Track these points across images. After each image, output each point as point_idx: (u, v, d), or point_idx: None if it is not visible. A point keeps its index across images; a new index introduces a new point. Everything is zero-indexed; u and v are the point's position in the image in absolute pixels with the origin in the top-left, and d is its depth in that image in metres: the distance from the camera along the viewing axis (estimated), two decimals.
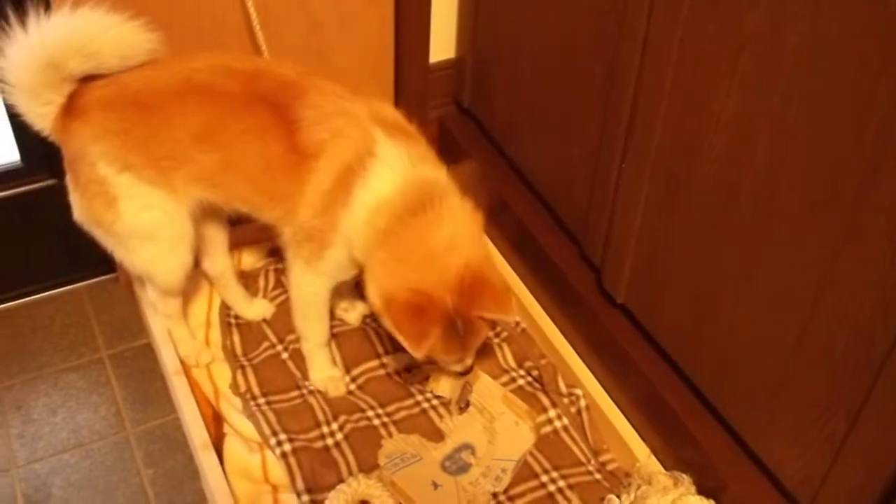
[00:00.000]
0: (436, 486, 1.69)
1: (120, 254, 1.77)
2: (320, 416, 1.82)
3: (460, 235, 1.58)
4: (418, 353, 1.56)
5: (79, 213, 1.72)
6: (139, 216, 1.68)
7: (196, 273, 1.90)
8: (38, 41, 1.55)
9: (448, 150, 2.26)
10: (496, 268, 1.68)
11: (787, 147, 1.29)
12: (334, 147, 1.58)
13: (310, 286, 1.77)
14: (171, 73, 1.62)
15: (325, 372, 1.88)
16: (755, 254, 1.40)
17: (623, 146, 1.62)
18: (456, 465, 1.74)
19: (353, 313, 2.01)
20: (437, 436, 1.80)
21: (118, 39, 1.59)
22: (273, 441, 1.77)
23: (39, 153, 2.07)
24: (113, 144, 1.62)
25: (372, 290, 1.59)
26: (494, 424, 1.80)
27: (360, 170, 1.57)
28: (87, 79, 1.62)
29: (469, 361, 1.73)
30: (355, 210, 1.59)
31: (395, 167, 1.58)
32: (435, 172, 1.64)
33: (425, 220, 1.56)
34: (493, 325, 1.72)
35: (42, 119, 1.65)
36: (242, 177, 1.66)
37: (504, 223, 2.10)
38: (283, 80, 1.62)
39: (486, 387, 1.86)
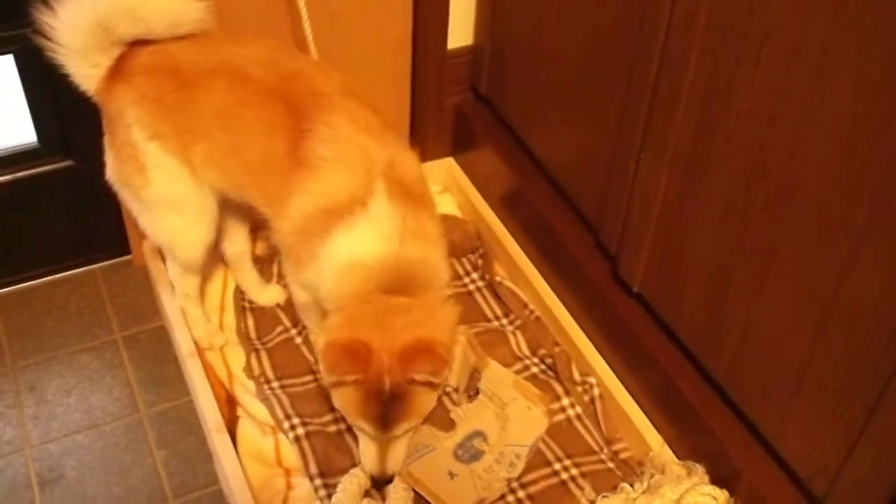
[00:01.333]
0: (452, 475, 1.69)
1: (144, 221, 1.79)
2: None
3: (423, 323, 1.50)
4: (328, 378, 1.51)
5: (111, 172, 1.75)
6: (166, 186, 1.70)
7: (212, 256, 1.90)
8: (89, 3, 1.58)
9: (465, 137, 2.27)
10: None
11: (810, 135, 1.28)
12: (331, 173, 1.54)
13: (299, 295, 1.76)
14: (214, 51, 1.64)
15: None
16: (776, 242, 1.40)
17: (643, 134, 1.61)
18: (468, 453, 1.73)
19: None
20: (449, 425, 1.79)
21: (167, 6, 1.62)
22: (286, 425, 1.77)
23: (56, 134, 2.08)
24: (147, 111, 1.64)
25: (317, 340, 1.57)
26: (506, 411, 1.79)
27: (347, 214, 1.52)
28: (137, 44, 1.65)
29: (390, 465, 1.61)
30: (330, 253, 1.54)
31: (381, 231, 1.51)
32: (424, 253, 1.55)
33: (394, 305, 1.51)
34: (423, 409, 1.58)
35: (88, 80, 1.68)
36: (244, 166, 1.65)
37: (520, 211, 2.09)
38: (318, 89, 1.60)
39: (496, 373, 1.85)
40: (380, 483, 1.63)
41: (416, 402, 1.53)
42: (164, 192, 1.71)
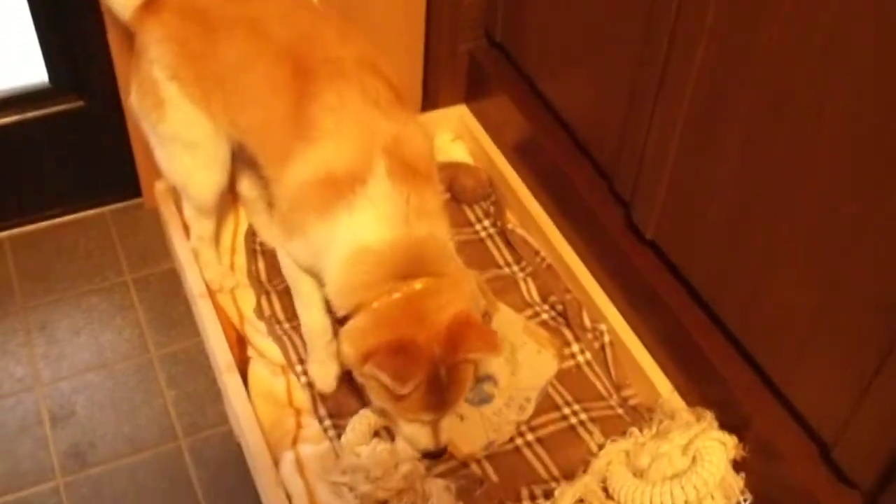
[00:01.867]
0: (462, 417, 1.69)
1: (159, 156, 1.78)
2: None
3: (453, 300, 1.46)
4: (404, 390, 1.41)
5: (133, 100, 1.75)
6: (181, 126, 1.69)
7: (224, 198, 1.90)
8: None
9: (478, 84, 2.25)
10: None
11: (830, 81, 1.27)
12: (330, 142, 1.49)
13: (287, 264, 1.69)
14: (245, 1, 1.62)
15: (320, 364, 1.75)
16: (793, 188, 1.39)
17: (661, 77, 1.59)
18: (478, 396, 1.73)
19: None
20: None
21: None
22: (298, 368, 1.78)
23: (68, 74, 2.07)
24: (170, 51, 1.63)
25: (349, 350, 1.47)
26: (516, 355, 1.79)
27: (348, 192, 1.46)
28: None
29: (444, 437, 1.57)
30: (334, 238, 1.48)
31: (384, 213, 1.46)
32: (433, 229, 1.50)
33: (416, 289, 1.45)
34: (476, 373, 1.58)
35: (124, 9, 1.68)
36: (248, 123, 1.63)
37: (532, 158, 2.08)
38: (332, 54, 1.55)
39: (506, 318, 1.85)
40: (435, 455, 1.59)
41: (467, 377, 1.51)
42: (179, 131, 1.71)
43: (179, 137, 1.72)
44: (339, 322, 1.56)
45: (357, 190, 1.46)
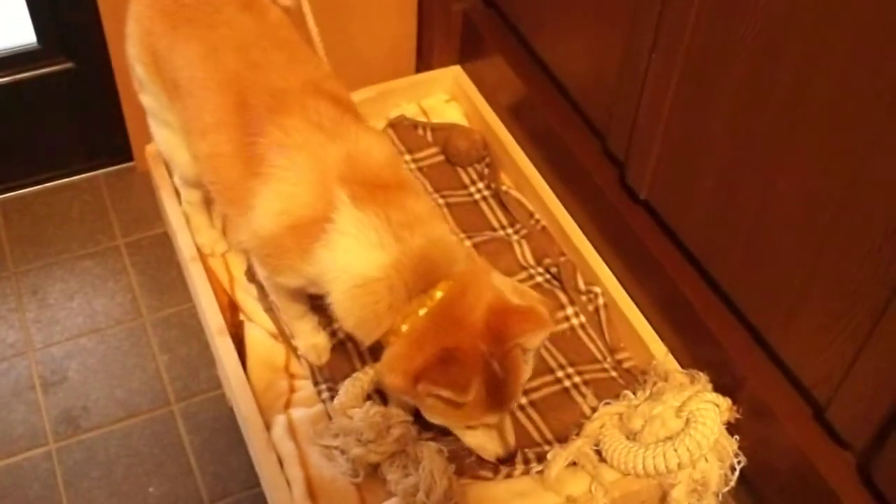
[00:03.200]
0: None
1: (149, 122, 1.76)
2: None
3: (480, 293, 1.41)
4: (467, 397, 1.36)
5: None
6: (153, 105, 1.68)
7: None
8: None
9: (473, 44, 2.23)
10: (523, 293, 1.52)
11: (825, 38, 1.25)
12: (286, 186, 1.43)
13: (273, 290, 1.65)
14: (215, 9, 1.56)
15: (308, 339, 1.73)
16: (786, 147, 1.37)
17: (654, 34, 1.57)
18: None
19: None
20: None
21: None
22: (292, 341, 1.77)
23: (57, 35, 2.05)
24: (137, 33, 1.61)
25: (395, 380, 1.41)
26: None
27: (320, 233, 1.40)
28: None
29: (511, 438, 1.53)
30: (329, 278, 1.43)
31: (366, 241, 1.39)
32: (429, 233, 1.43)
33: (439, 298, 1.40)
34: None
35: None
36: (194, 150, 1.59)
37: (527, 120, 2.06)
38: (277, 84, 1.49)
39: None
40: (506, 460, 1.54)
41: (520, 364, 1.45)
42: (153, 108, 1.69)
43: (155, 114, 1.70)
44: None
45: (328, 228, 1.40)
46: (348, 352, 1.75)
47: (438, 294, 1.40)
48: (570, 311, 1.83)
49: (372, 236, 1.39)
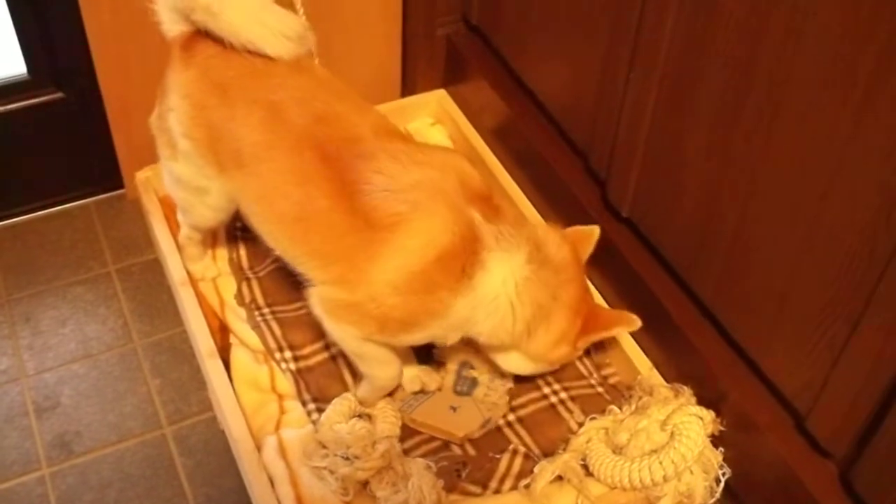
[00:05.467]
0: (453, 408, 1.70)
1: (165, 180, 1.76)
2: None
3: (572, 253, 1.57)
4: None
5: (151, 121, 1.70)
6: (191, 175, 1.66)
7: None
8: None
9: (457, 68, 2.26)
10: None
11: (796, 49, 1.28)
12: (421, 224, 1.43)
13: (362, 343, 1.58)
14: (267, 73, 1.54)
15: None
16: (762, 161, 1.40)
17: (631, 54, 1.60)
18: (465, 385, 1.74)
19: None
20: (437, 365, 1.80)
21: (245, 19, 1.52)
22: (278, 356, 1.79)
23: (47, 66, 2.07)
24: (188, 109, 1.59)
25: (557, 348, 1.59)
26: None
27: (472, 256, 1.44)
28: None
29: None
30: (483, 301, 1.48)
31: (509, 247, 1.46)
32: (527, 223, 1.56)
33: (559, 267, 1.53)
34: None
35: (170, 26, 1.61)
36: (275, 216, 1.55)
37: (511, 141, 2.09)
38: (353, 133, 1.50)
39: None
40: None
41: None
42: (189, 178, 1.67)
43: (188, 182, 1.68)
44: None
45: (478, 249, 1.44)
46: (338, 373, 1.77)
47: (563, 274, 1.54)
48: None
49: (513, 242, 1.47)
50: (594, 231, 1.68)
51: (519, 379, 1.75)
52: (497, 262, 1.46)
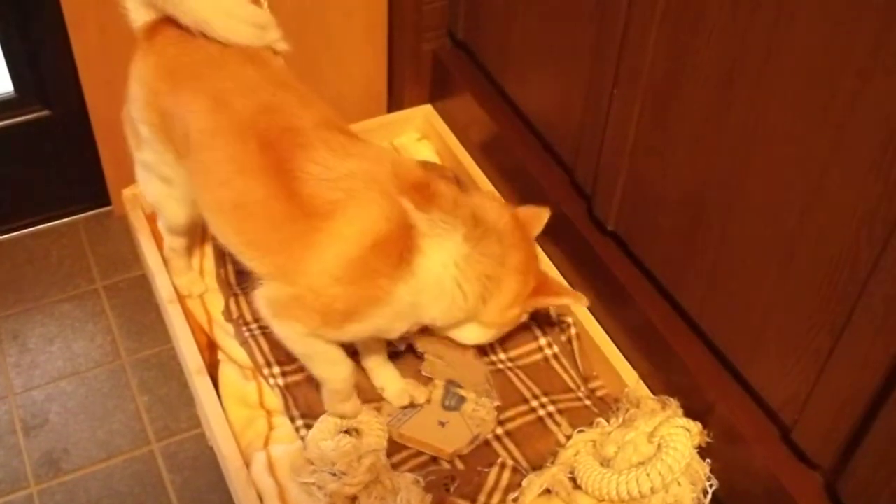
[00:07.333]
0: (442, 424, 1.71)
1: (138, 175, 1.77)
2: None
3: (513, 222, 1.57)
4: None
5: (123, 113, 1.71)
6: (155, 162, 1.68)
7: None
8: None
9: (443, 84, 2.27)
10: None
11: (778, 64, 1.29)
12: (355, 210, 1.43)
13: (308, 340, 1.56)
14: (220, 63, 1.55)
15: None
16: (744, 174, 1.41)
17: (615, 70, 1.62)
18: (454, 400, 1.75)
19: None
20: (425, 380, 1.80)
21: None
22: (266, 372, 1.79)
23: (33, 83, 2.08)
24: (142, 95, 1.60)
25: (510, 311, 1.58)
26: (446, 360, 1.79)
27: (408, 242, 1.43)
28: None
29: None
30: (427, 282, 1.47)
31: (445, 229, 1.45)
32: (470, 201, 1.52)
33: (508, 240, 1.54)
34: None
35: (135, 18, 1.62)
36: (216, 205, 1.56)
37: (497, 156, 2.10)
38: (293, 124, 1.49)
39: (427, 339, 1.80)
40: None
41: None
42: (154, 164, 1.69)
43: (154, 169, 1.70)
44: None
45: (413, 235, 1.44)
46: None
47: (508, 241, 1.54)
48: (542, 342, 1.86)
49: (448, 224, 1.45)
50: (544, 211, 1.67)
51: (507, 392, 1.76)
52: (433, 246, 1.45)
